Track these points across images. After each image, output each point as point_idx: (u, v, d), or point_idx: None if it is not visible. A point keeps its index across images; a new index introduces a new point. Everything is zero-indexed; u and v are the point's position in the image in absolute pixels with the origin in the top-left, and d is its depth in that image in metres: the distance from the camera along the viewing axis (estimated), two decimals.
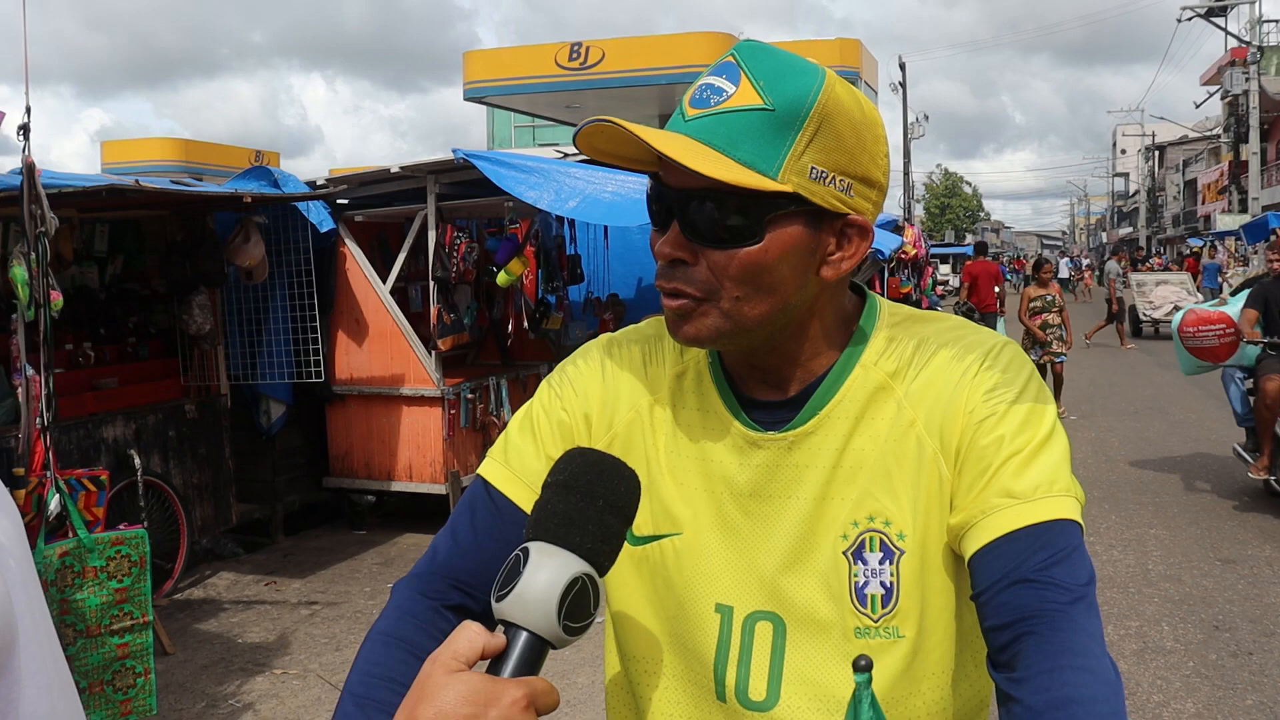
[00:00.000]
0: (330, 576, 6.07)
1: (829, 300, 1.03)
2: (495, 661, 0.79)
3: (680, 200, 0.96)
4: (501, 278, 6.87)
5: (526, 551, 0.81)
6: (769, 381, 1.05)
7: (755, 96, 0.93)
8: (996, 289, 13.46)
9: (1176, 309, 20.78)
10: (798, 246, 0.96)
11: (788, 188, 0.93)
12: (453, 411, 6.72)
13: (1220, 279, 21.08)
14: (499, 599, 0.80)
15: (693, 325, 0.98)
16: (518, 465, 1.08)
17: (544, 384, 1.14)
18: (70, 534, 3.94)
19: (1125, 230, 73.56)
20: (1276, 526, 6.53)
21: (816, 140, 0.93)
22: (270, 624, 5.28)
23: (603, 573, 0.83)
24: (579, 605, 0.80)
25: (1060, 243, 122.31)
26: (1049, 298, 10.88)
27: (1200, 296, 21.11)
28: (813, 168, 0.93)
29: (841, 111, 0.94)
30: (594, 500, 0.84)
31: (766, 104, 0.92)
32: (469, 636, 0.78)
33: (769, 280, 0.96)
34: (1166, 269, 28.71)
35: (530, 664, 0.78)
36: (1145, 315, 21.12)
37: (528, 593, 0.79)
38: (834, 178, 0.95)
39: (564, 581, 0.79)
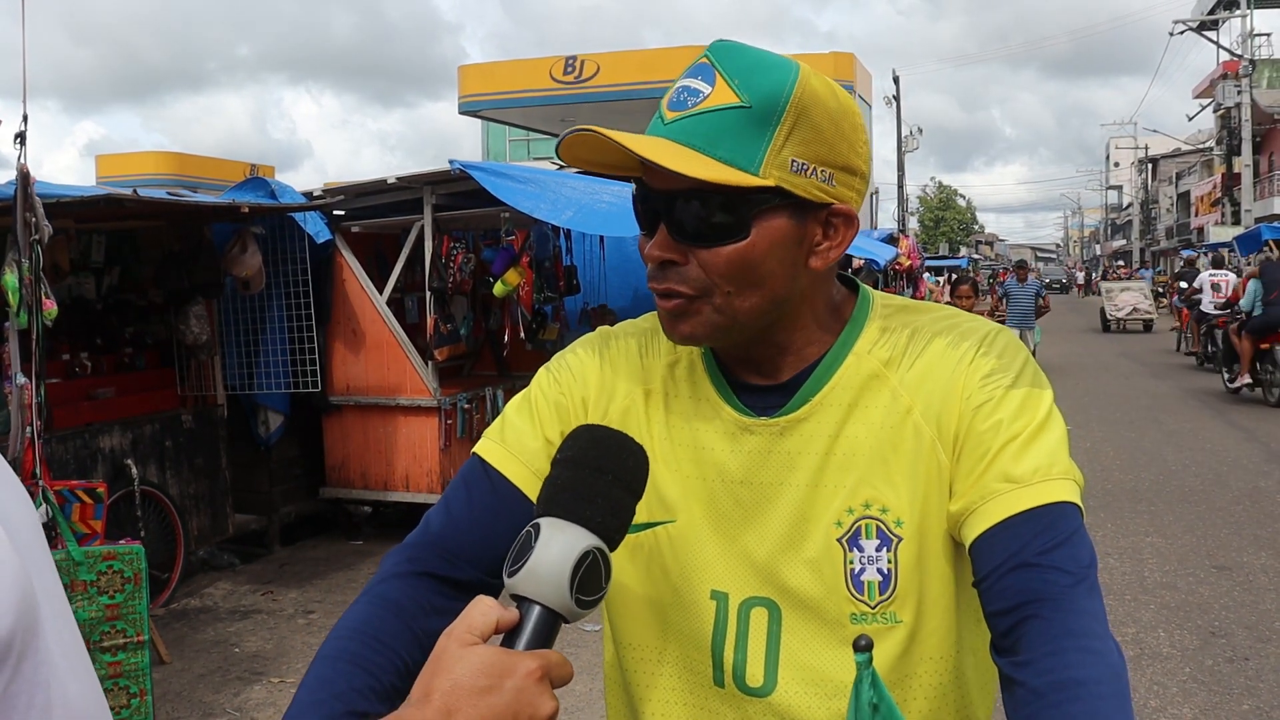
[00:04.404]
0: (327, 586, 6.06)
1: (819, 290, 1.04)
2: (509, 635, 0.80)
3: (665, 202, 0.97)
4: (498, 288, 6.88)
5: (538, 527, 0.82)
6: (761, 369, 1.06)
7: (731, 95, 0.94)
8: None
9: (1135, 310, 25.58)
10: (785, 239, 0.97)
11: (770, 182, 0.94)
12: (449, 422, 6.72)
13: None
14: (511, 574, 0.81)
15: (688, 324, 1.00)
16: (515, 445, 1.09)
17: (542, 370, 1.16)
18: (59, 546, 3.87)
19: (1119, 242, 73.77)
20: (1271, 534, 6.55)
21: (795, 133, 0.94)
22: (267, 633, 5.27)
23: (613, 547, 0.84)
24: (590, 578, 0.81)
25: (1055, 255, 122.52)
26: None
27: (1151, 300, 26.53)
28: (793, 161, 0.94)
29: (818, 103, 0.95)
30: (602, 474, 0.85)
31: (743, 101, 0.94)
32: (483, 610, 0.79)
33: (758, 274, 0.97)
34: (1130, 278, 34.90)
35: (544, 637, 0.80)
36: (1111, 315, 26.18)
37: (540, 567, 0.80)
38: (815, 169, 0.96)
39: (575, 555, 0.80)
